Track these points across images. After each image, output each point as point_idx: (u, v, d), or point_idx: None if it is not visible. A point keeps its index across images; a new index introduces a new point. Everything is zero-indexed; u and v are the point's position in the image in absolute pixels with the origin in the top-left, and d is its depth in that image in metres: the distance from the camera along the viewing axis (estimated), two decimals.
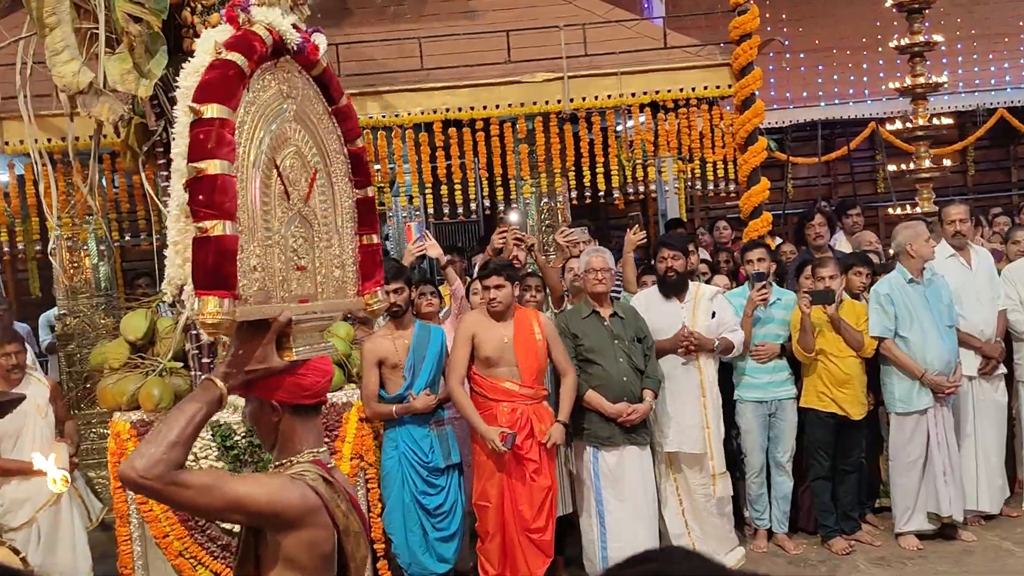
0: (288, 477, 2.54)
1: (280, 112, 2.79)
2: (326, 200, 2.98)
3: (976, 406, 6.67)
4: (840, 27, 11.90)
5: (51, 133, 6.22)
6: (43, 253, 7.75)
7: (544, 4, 8.97)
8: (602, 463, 5.91)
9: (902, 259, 6.44)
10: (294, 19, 4.07)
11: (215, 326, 2.42)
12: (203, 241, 2.44)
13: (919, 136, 9.01)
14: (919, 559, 6.22)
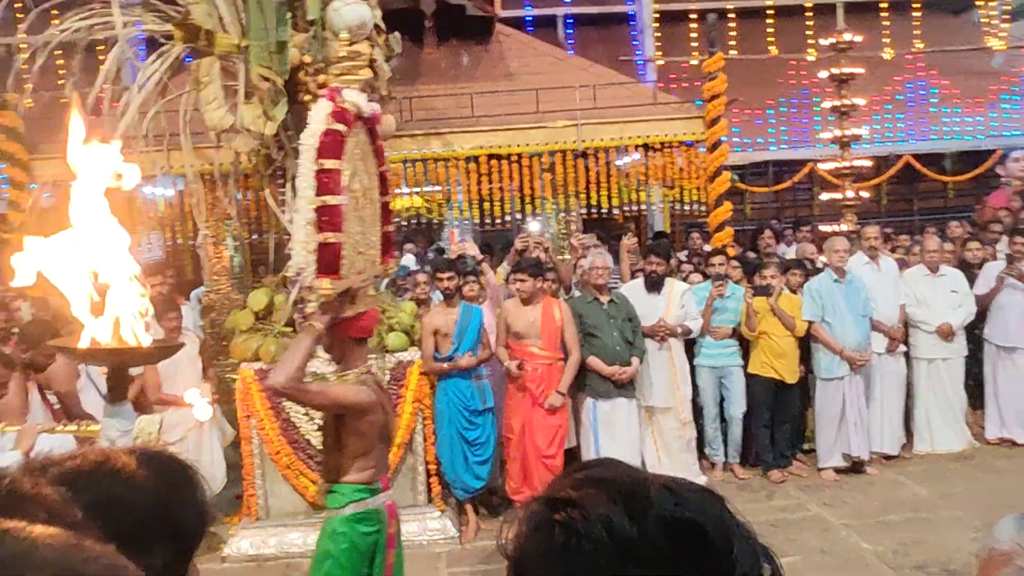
0: (359, 384, 3.17)
1: (355, 153, 3.37)
2: (369, 205, 3.57)
3: (882, 375, 6.68)
4: (787, 91, 11.87)
5: (203, 160, 6.34)
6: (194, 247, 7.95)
7: (564, 70, 9.03)
8: (599, 410, 6.00)
9: (830, 261, 6.51)
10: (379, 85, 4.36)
11: (327, 295, 3.12)
12: (325, 246, 3.12)
13: (845, 174, 9.06)
14: (835, 487, 6.27)
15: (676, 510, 0.73)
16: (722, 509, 0.77)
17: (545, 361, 5.74)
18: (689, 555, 0.70)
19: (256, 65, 5.30)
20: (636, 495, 0.74)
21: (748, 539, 0.75)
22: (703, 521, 0.72)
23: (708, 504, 0.76)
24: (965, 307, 6.82)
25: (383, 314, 5.78)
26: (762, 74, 12.30)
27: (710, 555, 0.71)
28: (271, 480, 5.69)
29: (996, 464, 6.53)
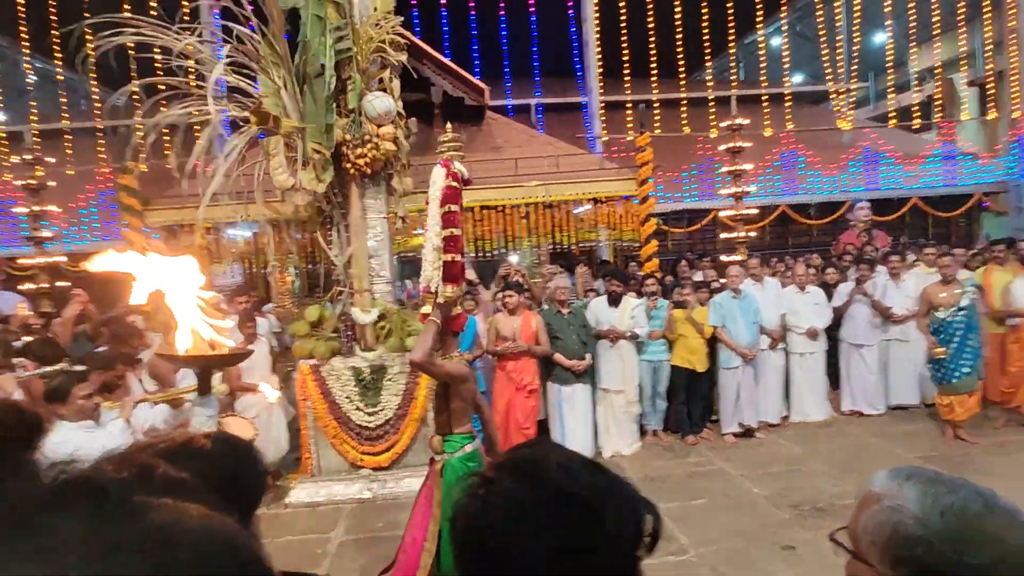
0: (459, 362, 3.37)
1: None
2: None
3: (766, 365, 6.65)
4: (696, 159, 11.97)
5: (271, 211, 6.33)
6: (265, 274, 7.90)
7: (536, 144, 9.10)
8: (563, 393, 5.99)
9: (729, 283, 6.50)
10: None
11: (451, 297, 3.37)
12: (450, 263, 3.41)
13: (738, 219, 9.10)
14: (733, 448, 6.24)
15: (563, 483, 0.72)
16: (602, 480, 0.75)
17: (523, 356, 5.74)
18: (568, 515, 0.70)
19: (311, 141, 5.30)
20: (537, 472, 0.74)
21: (625, 501, 0.75)
22: (580, 490, 0.72)
23: (590, 477, 0.74)
24: (825, 316, 6.83)
25: (405, 324, 5.76)
26: (679, 147, 12.41)
27: (585, 516, 0.71)
28: (322, 446, 5.63)
29: (848, 429, 6.53)
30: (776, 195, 11.91)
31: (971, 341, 5.79)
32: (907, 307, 6.65)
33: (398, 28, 5.58)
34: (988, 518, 0.85)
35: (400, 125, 5.68)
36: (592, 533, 0.70)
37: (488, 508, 0.72)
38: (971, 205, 12.50)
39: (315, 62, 5.26)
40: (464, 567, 0.72)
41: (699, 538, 4.39)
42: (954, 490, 0.89)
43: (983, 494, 0.89)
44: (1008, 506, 0.88)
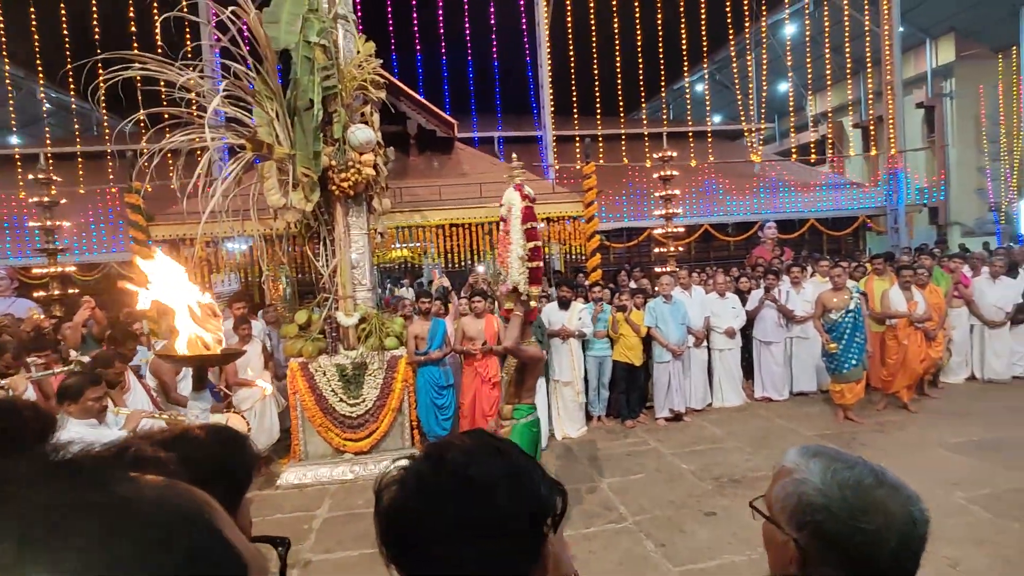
0: (536, 347, 3.57)
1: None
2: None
3: (693, 359, 6.73)
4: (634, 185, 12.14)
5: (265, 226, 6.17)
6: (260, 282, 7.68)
7: (498, 171, 9.07)
8: None
9: (661, 290, 6.59)
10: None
11: (535, 296, 3.58)
12: (535, 268, 3.61)
13: (669, 236, 9.24)
14: (665, 430, 6.29)
15: (460, 466, 0.71)
16: (500, 465, 0.73)
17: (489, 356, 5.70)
18: (463, 495, 0.69)
19: (300, 166, 5.19)
20: (442, 457, 0.73)
21: (523, 484, 0.72)
22: (476, 473, 0.70)
23: (489, 462, 0.72)
24: (741, 317, 6.97)
25: (383, 326, 5.69)
26: (619, 175, 12.57)
27: (478, 496, 0.69)
28: (309, 434, 5.51)
29: (759, 412, 6.66)
30: (700, 216, 12.10)
31: (858, 338, 6.01)
32: (806, 310, 6.85)
33: (378, 69, 5.52)
34: (878, 490, 0.87)
35: (379, 153, 5.63)
36: (485, 512, 0.68)
37: (402, 488, 0.71)
38: (856, 226, 12.97)
39: (304, 97, 5.16)
40: (383, 540, 0.70)
41: (636, 508, 4.43)
42: (851, 466, 0.91)
43: (875, 470, 0.90)
44: (894, 481, 0.90)
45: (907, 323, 6.24)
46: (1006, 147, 16.12)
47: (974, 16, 16.34)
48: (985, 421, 5.78)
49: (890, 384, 6.37)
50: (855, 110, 18.03)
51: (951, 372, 7.18)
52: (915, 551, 0.86)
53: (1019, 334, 7.17)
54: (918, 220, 14.95)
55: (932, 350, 6.50)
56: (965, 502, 4.17)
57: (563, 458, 5.67)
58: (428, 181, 8.86)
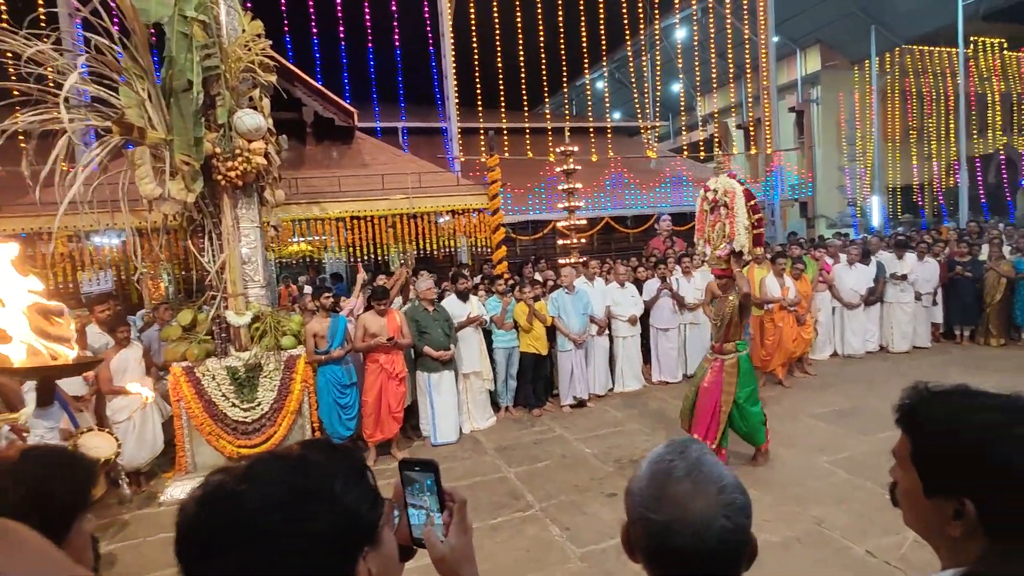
0: (745, 279, 4.32)
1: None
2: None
3: (596, 347, 6.93)
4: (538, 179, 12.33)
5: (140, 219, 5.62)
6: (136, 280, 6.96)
7: (401, 162, 8.89)
8: (432, 379, 5.86)
9: (562, 283, 6.74)
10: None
11: (758, 254, 5.47)
12: (757, 235, 4.58)
13: (572, 228, 9.43)
14: (570, 417, 6.43)
15: (279, 474, 0.68)
16: (332, 469, 0.71)
17: (393, 351, 5.57)
18: (298, 500, 0.66)
19: (178, 153, 4.76)
20: (261, 468, 0.70)
21: (356, 474, 0.71)
22: (304, 482, 0.68)
23: (311, 468, 0.70)
24: (640, 306, 7.25)
25: (279, 324, 5.39)
26: (523, 168, 12.73)
27: (312, 498, 0.67)
28: (197, 444, 5.10)
29: (657, 395, 6.99)
30: (601, 209, 12.53)
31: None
32: (696, 297, 7.31)
33: (268, 50, 5.17)
34: (680, 484, 0.84)
35: (271, 141, 5.29)
36: (263, 553, 0.64)
37: (179, 531, 0.68)
38: None
39: (181, 77, 4.73)
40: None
41: (542, 494, 4.53)
42: (678, 457, 0.88)
43: (692, 465, 0.87)
44: (713, 477, 0.85)
45: (781, 307, 6.86)
46: (861, 149, 18.22)
47: (835, 30, 18.24)
48: (844, 393, 6.49)
49: (768, 363, 6.98)
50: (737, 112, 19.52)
51: (817, 349, 7.99)
52: (714, 550, 0.81)
53: (872, 314, 8.14)
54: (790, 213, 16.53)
55: (804, 331, 7.20)
56: (829, 466, 4.67)
57: (472, 451, 5.67)
58: (326, 172, 8.48)
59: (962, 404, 0.89)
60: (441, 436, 5.89)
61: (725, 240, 4.69)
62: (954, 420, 0.88)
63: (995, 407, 0.88)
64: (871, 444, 4.95)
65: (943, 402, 0.90)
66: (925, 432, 0.90)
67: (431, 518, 0.89)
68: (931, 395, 0.92)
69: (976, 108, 17.94)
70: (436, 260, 10.07)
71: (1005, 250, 8.48)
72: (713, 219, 4.86)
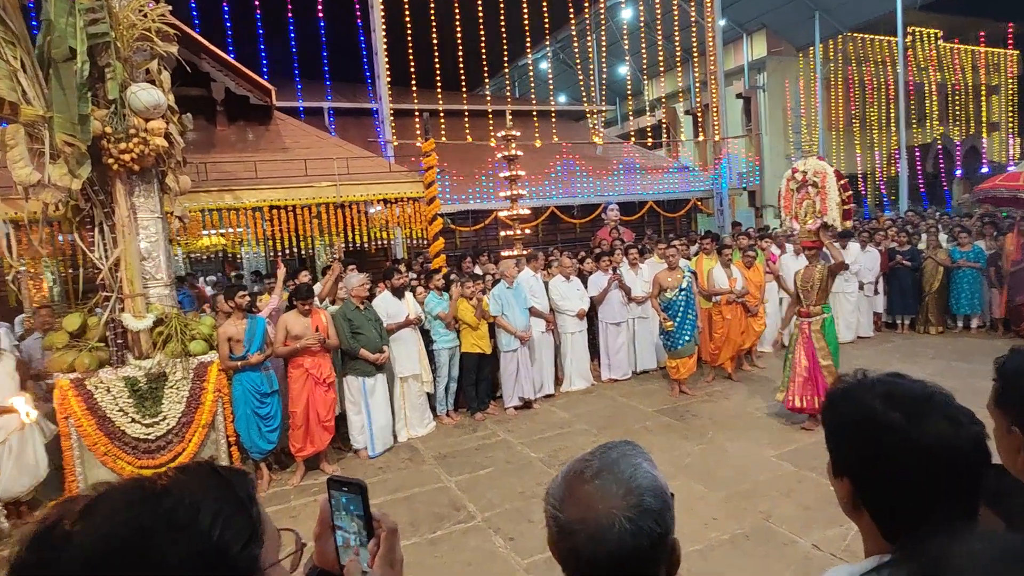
0: (839, 253, 5.13)
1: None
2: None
3: (541, 344, 7.01)
4: (479, 165, 12.31)
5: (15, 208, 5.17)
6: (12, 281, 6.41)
7: (326, 146, 8.63)
8: (367, 385, 5.75)
9: (503, 278, 6.72)
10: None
11: (848, 227, 6.26)
12: (848, 209, 5.39)
13: (515, 218, 9.43)
14: (515, 419, 6.47)
15: (127, 508, 0.65)
16: (206, 491, 0.68)
17: (320, 353, 5.40)
18: (145, 539, 0.62)
19: (60, 132, 4.39)
20: (107, 500, 0.66)
21: (231, 506, 0.68)
22: (157, 516, 0.64)
23: (171, 499, 0.66)
24: (586, 300, 7.37)
25: (187, 328, 5.11)
26: (463, 154, 12.66)
27: (165, 536, 0.63)
28: (89, 466, 4.74)
29: (605, 393, 7.13)
30: (546, 198, 12.63)
31: (690, 315, 6.73)
32: (645, 290, 7.50)
33: (168, 17, 4.87)
34: (586, 484, 0.87)
35: (173, 120, 4.99)
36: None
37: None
38: (688, 208, 14.54)
39: (62, 45, 4.37)
40: None
41: (485, 504, 4.52)
42: (597, 457, 0.91)
43: (606, 465, 0.89)
44: (619, 478, 0.87)
45: (728, 300, 7.12)
46: (807, 138, 19.20)
47: (780, 15, 19.11)
48: None
49: (716, 357, 7.25)
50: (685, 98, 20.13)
51: (764, 341, 8.36)
52: (612, 554, 0.82)
53: None
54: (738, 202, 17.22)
55: (756, 323, 7.50)
56: (776, 459, 4.90)
57: (410, 460, 5.60)
58: (241, 156, 8.12)
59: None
60: (377, 446, 5.79)
61: (815, 215, 5.56)
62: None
63: None
64: (816, 435, 5.23)
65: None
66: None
67: (356, 548, 0.87)
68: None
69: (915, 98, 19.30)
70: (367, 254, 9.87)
71: (942, 238, 9.16)
72: (800, 197, 5.73)
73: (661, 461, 5.27)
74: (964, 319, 8.80)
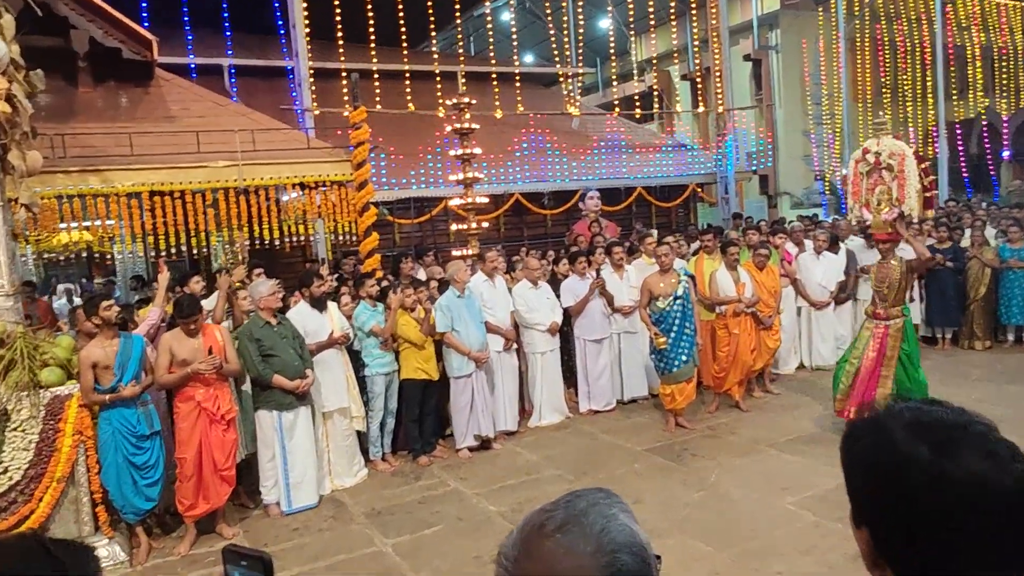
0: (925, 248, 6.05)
1: None
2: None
3: (500, 368, 6.99)
4: (424, 141, 12.28)
5: None
6: None
7: (225, 114, 8.49)
8: (284, 420, 5.65)
9: (452, 283, 6.67)
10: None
11: (927, 216, 6.68)
12: (929, 197, 6.01)
13: (469, 208, 9.46)
14: (469, 464, 6.46)
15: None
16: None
17: (214, 383, 5.25)
18: None
19: None
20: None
21: None
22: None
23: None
24: (558, 310, 7.39)
25: (36, 351, 4.94)
26: (404, 126, 12.62)
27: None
28: None
29: (584, 428, 7.17)
30: (509, 183, 12.70)
31: (687, 329, 6.83)
32: (632, 298, 7.56)
33: None
34: (546, 540, 0.89)
35: (17, 78, 4.87)
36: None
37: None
38: (686, 195, 14.82)
39: None
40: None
41: (431, 572, 4.48)
42: (561, 507, 0.94)
43: (572, 517, 0.91)
44: (588, 533, 0.89)
45: (735, 311, 7.26)
46: (828, 110, 19.79)
47: None
48: (812, 415, 7.00)
49: (722, 381, 7.37)
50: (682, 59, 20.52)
51: (780, 361, 8.57)
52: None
53: (843, 315, 8.85)
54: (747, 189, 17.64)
55: (770, 338, 7.67)
56: (794, 507, 5.00)
57: (334, 518, 5.53)
58: (111, 126, 7.95)
59: None
60: (297, 500, 5.69)
61: (891, 204, 5.92)
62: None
63: None
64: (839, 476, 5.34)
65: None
66: None
67: None
68: None
69: (955, 64, 20.12)
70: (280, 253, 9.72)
71: (989, 233, 9.53)
72: (872, 182, 6.09)
73: (653, 512, 5.34)
74: (1016, 331, 9.18)
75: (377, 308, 6.50)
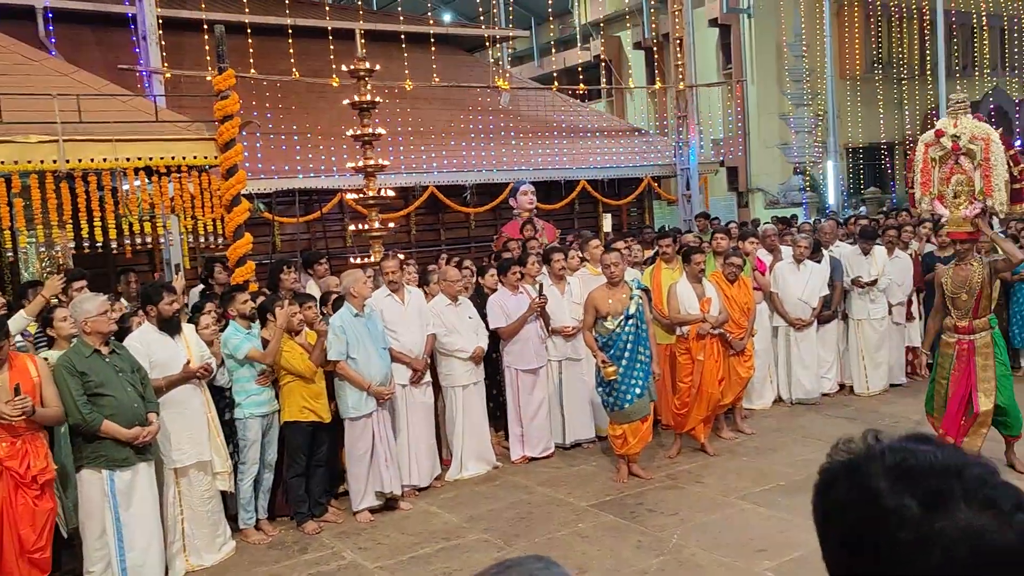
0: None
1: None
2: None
3: (408, 406, 6.98)
4: (313, 117, 12.17)
5: None
6: None
7: (40, 73, 8.13)
8: (118, 482, 5.44)
9: (348, 299, 6.61)
10: None
11: (1020, 215, 8.26)
12: (1019, 189, 6.24)
13: (371, 204, 9.35)
14: (371, 529, 6.41)
15: None
16: None
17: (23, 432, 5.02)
18: None
19: None
20: None
21: None
22: None
23: None
24: (483, 333, 7.43)
25: None
26: (287, 97, 12.46)
27: None
28: None
29: (517, 481, 7.20)
30: (423, 172, 12.69)
31: (641, 355, 6.92)
32: (575, 317, 7.62)
33: None
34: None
35: None
36: None
37: None
38: (640, 191, 15.10)
39: None
40: None
41: None
42: (515, 567, 0.98)
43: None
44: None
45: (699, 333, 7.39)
46: (810, 89, 20.52)
47: None
48: (792, 459, 7.19)
49: (684, 419, 7.50)
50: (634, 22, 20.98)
51: (754, 394, 8.79)
52: None
53: (827, 337, 9.14)
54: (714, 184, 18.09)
55: (741, 365, 7.88)
56: (773, 574, 5.11)
57: None
58: None
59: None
60: None
61: (973, 197, 6.10)
62: None
63: None
64: None
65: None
66: None
67: None
68: None
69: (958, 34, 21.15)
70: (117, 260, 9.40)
71: None
72: (947, 171, 6.29)
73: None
74: None
75: (251, 330, 6.41)
